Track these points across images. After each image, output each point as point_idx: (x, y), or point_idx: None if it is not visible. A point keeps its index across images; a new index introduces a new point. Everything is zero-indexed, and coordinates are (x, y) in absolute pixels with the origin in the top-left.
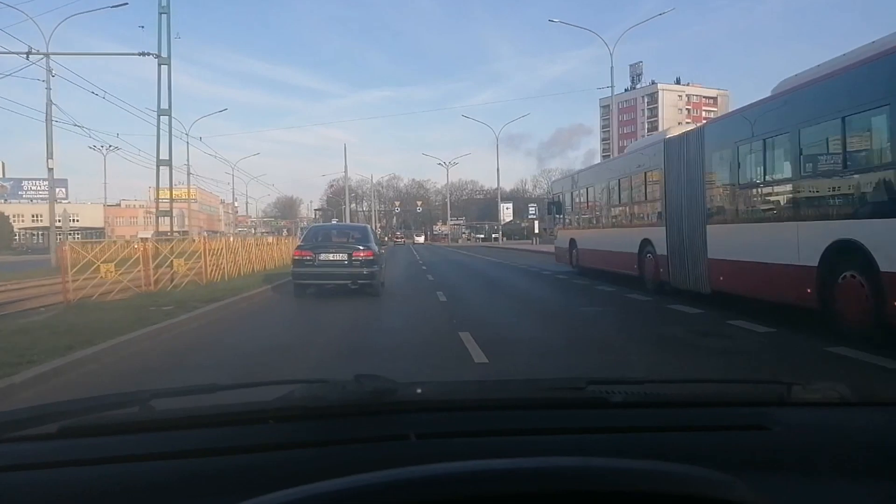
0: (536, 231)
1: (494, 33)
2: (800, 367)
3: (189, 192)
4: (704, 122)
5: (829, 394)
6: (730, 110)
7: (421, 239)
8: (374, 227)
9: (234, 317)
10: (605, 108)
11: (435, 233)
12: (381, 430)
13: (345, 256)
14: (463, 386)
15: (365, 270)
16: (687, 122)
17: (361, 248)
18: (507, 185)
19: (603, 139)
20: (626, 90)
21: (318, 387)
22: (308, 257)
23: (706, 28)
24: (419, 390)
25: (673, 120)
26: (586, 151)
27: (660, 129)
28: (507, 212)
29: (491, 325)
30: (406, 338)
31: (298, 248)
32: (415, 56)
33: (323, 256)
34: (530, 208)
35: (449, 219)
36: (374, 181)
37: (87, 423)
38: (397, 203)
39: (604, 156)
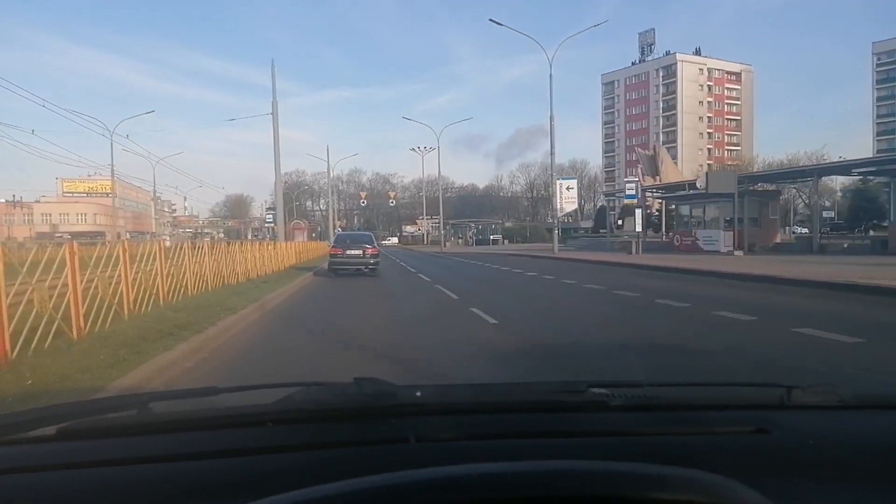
0: (633, 227)
1: (454, 35)
2: None
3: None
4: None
5: (829, 397)
6: (755, 89)
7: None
8: (333, 227)
9: None
10: (608, 85)
11: (404, 234)
12: (380, 434)
13: (361, 252)
14: (462, 389)
15: (372, 261)
16: (709, 101)
17: (370, 246)
18: (480, 183)
19: (605, 123)
20: (633, 63)
21: (316, 390)
22: (340, 252)
23: None
24: (418, 393)
25: (694, 98)
26: (544, 152)
27: (679, 108)
28: (568, 194)
29: None
30: None
31: (333, 246)
32: (375, 57)
33: (348, 252)
34: (627, 186)
35: (441, 214)
36: (333, 175)
37: (85, 425)
38: (363, 194)
39: (606, 142)
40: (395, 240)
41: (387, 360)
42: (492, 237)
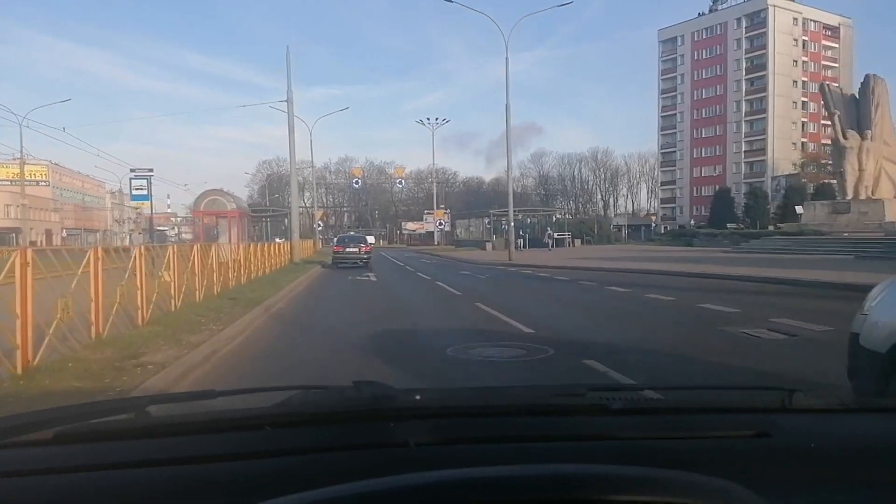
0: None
1: (444, 32)
2: None
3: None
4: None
5: (831, 400)
6: (854, 48)
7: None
8: (316, 223)
9: None
10: (668, 43)
11: (404, 232)
12: (379, 437)
13: (357, 249)
14: (462, 392)
15: (366, 256)
16: (804, 62)
17: (364, 245)
18: (486, 176)
19: (664, 91)
20: (701, 14)
21: (315, 393)
22: (341, 250)
23: None
24: (418, 397)
25: (788, 56)
26: (535, 151)
27: (771, 68)
28: None
29: None
30: None
31: (335, 245)
32: (364, 55)
33: (348, 249)
34: None
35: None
36: (319, 165)
37: (83, 429)
38: (356, 171)
39: (664, 115)
40: (371, 239)
41: None
42: (556, 235)
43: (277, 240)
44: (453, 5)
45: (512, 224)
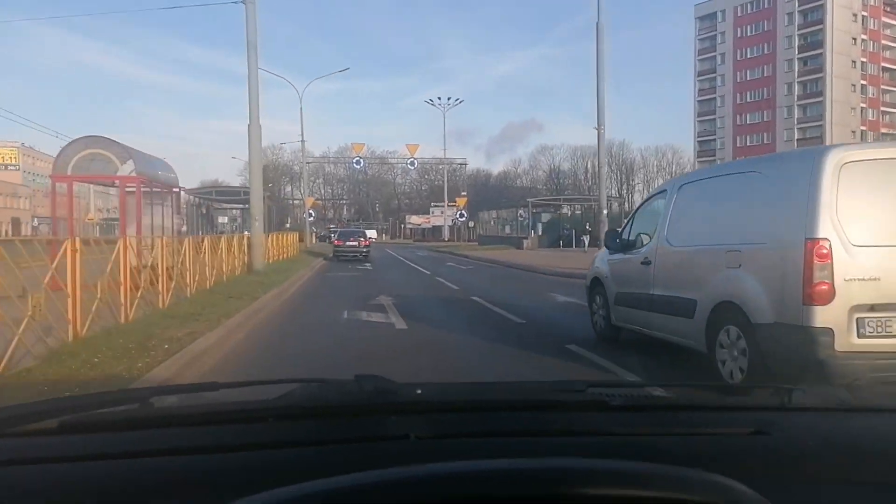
0: None
1: (446, 29)
2: None
3: None
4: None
5: (829, 399)
6: None
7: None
8: (306, 212)
9: None
10: (706, 20)
11: (409, 225)
12: (380, 431)
13: (357, 243)
14: (463, 387)
15: (365, 250)
16: (863, 40)
17: (364, 239)
18: (494, 169)
19: (701, 73)
20: None
21: (317, 387)
22: (341, 244)
23: None
24: (419, 391)
25: (846, 34)
26: (542, 145)
27: (828, 46)
28: None
29: None
30: None
31: (336, 240)
32: (364, 49)
33: (348, 243)
34: None
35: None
36: (317, 153)
37: (87, 419)
38: (358, 149)
39: (701, 99)
40: (372, 233)
41: None
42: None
43: (247, 233)
44: (457, 3)
45: (605, 212)
